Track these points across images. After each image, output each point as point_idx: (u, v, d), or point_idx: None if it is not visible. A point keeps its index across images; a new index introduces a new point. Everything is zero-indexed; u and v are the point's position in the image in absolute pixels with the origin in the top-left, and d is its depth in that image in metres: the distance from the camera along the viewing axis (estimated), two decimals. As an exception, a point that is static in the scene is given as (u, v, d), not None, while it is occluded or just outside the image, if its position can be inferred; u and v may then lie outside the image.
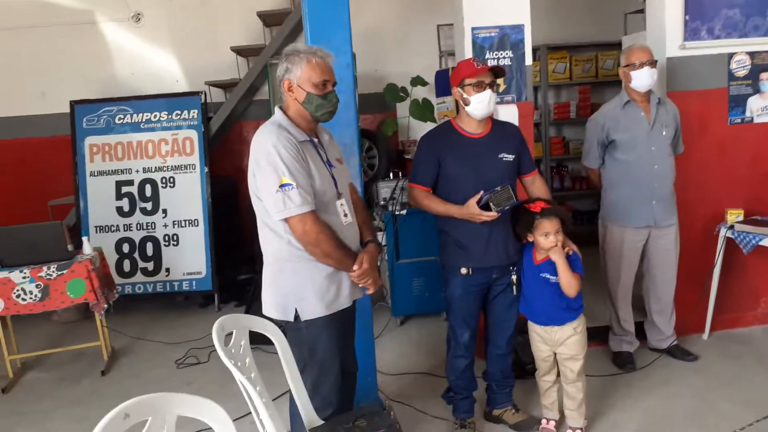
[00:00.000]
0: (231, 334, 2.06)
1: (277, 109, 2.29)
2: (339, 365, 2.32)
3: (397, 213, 4.34)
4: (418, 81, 5.49)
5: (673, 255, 3.50)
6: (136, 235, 5.13)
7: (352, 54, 2.84)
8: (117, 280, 5.00)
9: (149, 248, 5.12)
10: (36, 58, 5.72)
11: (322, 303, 2.23)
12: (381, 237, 4.40)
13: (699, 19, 3.68)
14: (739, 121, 3.84)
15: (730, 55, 3.76)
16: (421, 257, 4.37)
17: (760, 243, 3.38)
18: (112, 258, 5.05)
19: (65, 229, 4.77)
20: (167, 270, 5.11)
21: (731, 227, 3.58)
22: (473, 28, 3.49)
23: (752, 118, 3.84)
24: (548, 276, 2.71)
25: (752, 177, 3.87)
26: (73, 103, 5.23)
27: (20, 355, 4.11)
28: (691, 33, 3.69)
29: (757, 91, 3.82)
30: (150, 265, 5.12)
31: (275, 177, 2.10)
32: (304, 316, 2.23)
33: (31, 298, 3.75)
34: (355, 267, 2.22)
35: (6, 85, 5.70)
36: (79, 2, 5.72)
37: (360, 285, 2.30)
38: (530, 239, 2.72)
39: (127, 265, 5.12)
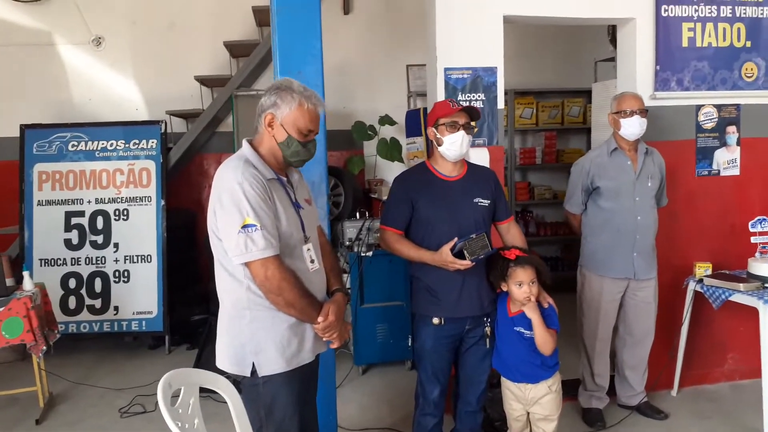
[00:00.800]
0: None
1: (245, 143, 2.13)
2: (298, 426, 2.11)
3: (363, 254, 4.19)
4: (386, 120, 5.41)
5: (653, 308, 3.43)
6: (85, 270, 4.82)
7: (323, 87, 2.72)
8: (61, 317, 4.71)
9: (98, 284, 4.82)
10: (-12, 79, 5.43)
11: (282, 357, 2.04)
12: (345, 279, 4.23)
13: (669, 70, 3.71)
14: (707, 173, 3.86)
15: (698, 107, 3.80)
16: (387, 302, 4.22)
17: (730, 298, 3.33)
18: (56, 294, 4.73)
19: (6, 262, 4.45)
20: (116, 308, 4.80)
21: (700, 281, 3.54)
22: (446, 69, 3.42)
23: (719, 171, 3.86)
24: (522, 330, 2.58)
25: (719, 230, 3.87)
26: (24, 127, 4.95)
27: (-57, 400, 3.75)
28: (661, 83, 3.71)
29: (723, 144, 3.85)
30: (98, 303, 4.81)
31: (238, 216, 1.93)
32: (262, 372, 2.03)
33: (-40, 337, 3.44)
34: (319, 319, 2.05)
35: (-49, 106, 5.38)
36: (37, 23, 5.47)
37: (324, 338, 2.12)
38: (504, 288, 2.60)
39: (72, 302, 4.80)
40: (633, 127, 3.21)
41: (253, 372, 2.03)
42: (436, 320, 2.62)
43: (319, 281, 2.18)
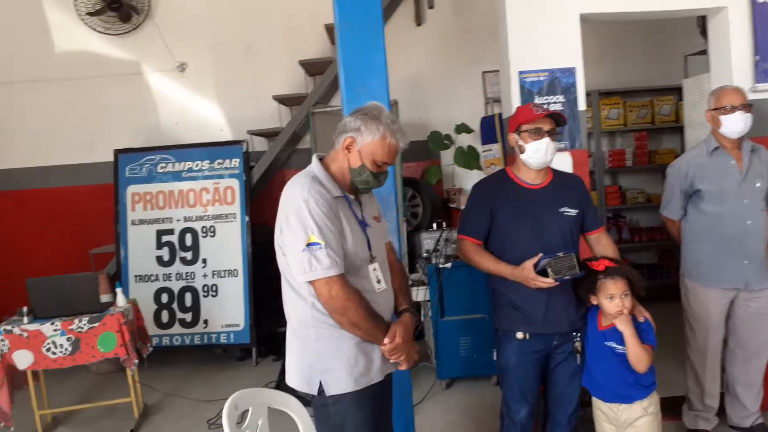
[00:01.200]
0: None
1: (314, 159, 2.10)
2: None
3: (441, 266, 4.09)
4: (462, 128, 5.30)
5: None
6: (176, 285, 5.03)
7: (388, 100, 2.67)
8: (155, 331, 4.92)
9: (188, 299, 5.01)
10: (86, 108, 5.81)
11: (350, 377, 1.98)
12: (424, 292, 4.16)
13: (770, 60, 3.38)
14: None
15: (806, 98, 3.43)
16: (469, 314, 4.09)
17: None
18: (150, 308, 4.96)
19: (104, 279, 4.71)
20: (205, 322, 4.98)
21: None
22: (520, 72, 3.30)
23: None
24: (614, 345, 2.40)
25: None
26: (117, 152, 5.26)
27: (51, 410, 3.99)
28: (762, 74, 3.40)
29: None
30: (188, 317, 5.00)
31: (303, 234, 1.90)
32: (330, 391, 1.98)
33: (61, 351, 3.65)
34: (386, 340, 1.98)
35: (57, 134, 5.79)
36: (126, 54, 5.82)
37: (391, 360, 2.05)
38: (594, 302, 2.43)
39: (165, 316, 5.02)
40: (736, 125, 2.92)
41: (321, 391, 1.99)
42: (520, 335, 2.49)
43: (386, 301, 2.11)
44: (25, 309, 3.70)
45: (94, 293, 3.82)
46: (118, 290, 3.96)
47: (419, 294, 4.16)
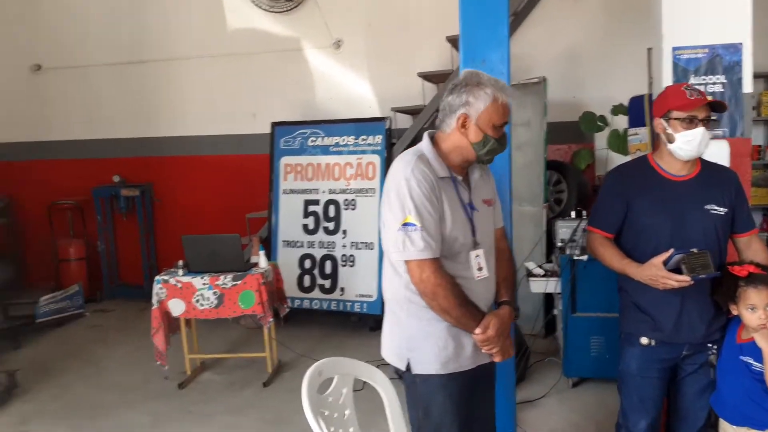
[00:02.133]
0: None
1: (425, 136, 2.05)
2: None
3: (575, 258, 3.85)
4: (619, 109, 4.89)
5: None
6: (318, 253, 5.32)
7: (509, 75, 2.53)
8: (297, 293, 5.27)
9: (328, 266, 5.28)
10: (251, 82, 6.29)
11: (437, 359, 1.96)
12: (555, 284, 3.95)
13: None
14: None
15: None
16: (603, 312, 3.80)
17: None
18: (294, 272, 5.31)
19: (257, 242, 5.12)
20: (342, 289, 5.21)
21: None
22: (674, 48, 2.93)
23: None
24: (750, 361, 2.12)
25: None
26: (274, 125, 5.64)
27: (200, 355, 4.45)
28: None
29: None
30: (327, 283, 5.27)
31: (400, 213, 1.89)
32: (416, 369, 1.98)
33: (207, 304, 4.04)
34: (477, 330, 1.92)
35: (224, 106, 6.36)
36: (288, 31, 6.17)
37: (483, 351, 1.98)
38: (735, 312, 2.15)
39: (307, 281, 5.33)
40: None
41: (409, 368, 1.99)
42: (644, 340, 2.27)
43: (485, 290, 2.03)
44: (180, 262, 4.15)
45: (238, 253, 4.16)
46: (261, 253, 4.28)
47: (549, 286, 3.97)
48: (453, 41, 5.47)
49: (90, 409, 3.85)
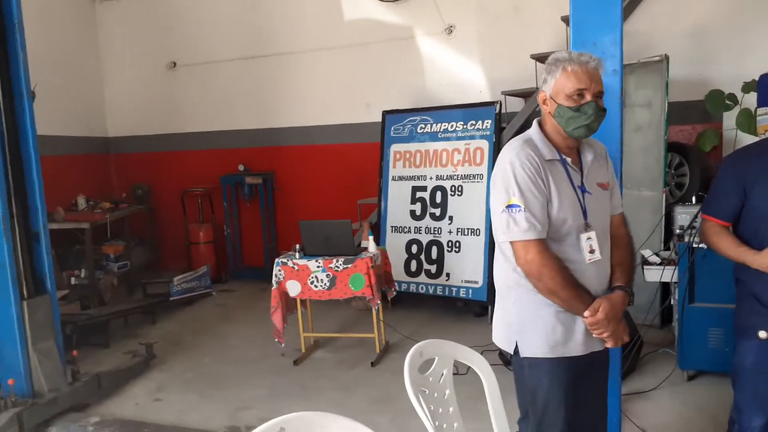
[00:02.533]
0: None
1: (535, 122, 2.09)
2: (565, 420, 1.99)
3: (695, 245, 3.63)
4: (751, 86, 4.51)
5: None
6: (424, 238, 5.40)
7: (621, 59, 2.44)
8: (404, 278, 5.39)
9: (434, 252, 5.35)
10: (364, 71, 6.46)
11: (545, 343, 1.97)
12: (672, 272, 3.76)
13: None
14: None
15: None
16: (723, 303, 3.55)
17: None
18: (402, 257, 5.43)
19: (368, 227, 5.30)
20: (447, 275, 5.26)
21: None
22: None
23: None
24: None
25: None
26: (385, 113, 5.76)
27: (314, 333, 4.71)
28: None
29: None
30: (433, 268, 5.35)
31: (504, 195, 1.94)
32: (524, 353, 2.01)
33: (321, 286, 4.26)
34: (586, 313, 1.91)
35: (340, 96, 6.58)
36: (401, 19, 6.26)
37: (594, 335, 1.96)
38: None
39: (413, 266, 5.44)
40: None
41: (517, 351, 2.03)
42: (763, 334, 2.15)
43: (597, 274, 2.01)
44: (297, 246, 4.40)
45: (350, 238, 4.34)
46: (370, 238, 4.43)
47: (665, 275, 3.78)
48: (567, 20, 5.29)
49: (216, 380, 4.21)
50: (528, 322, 1.99)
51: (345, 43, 6.49)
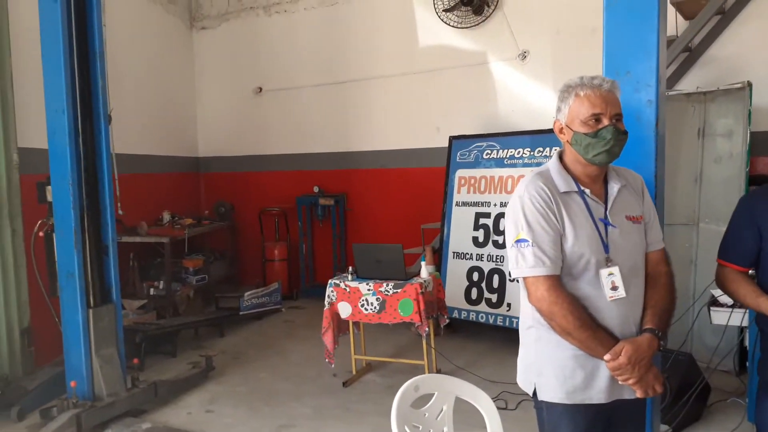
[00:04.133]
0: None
1: (554, 154, 2.05)
2: None
3: None
4: None
5: None
6: (486, 266, 5.30)
7: (656, 88, 2.30)
8: (464, 305, 5.31)
9: (495, 280, 5.22)
10: (436, 97, 6.48)
11: (561, 387, 1.89)
12: (742, 316, 3.43)
13: None
14: None
15: None
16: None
17: None
18: (462, 284, 5.35)
19: (431, 251, 5.28)
20: (509, 305, 5.12)
21: None
22: None
23: None
24: None
25: None
26: (452, 138, 5.75)
27: (365, 356, 4.72)
28: None
29: None
30: (494, 297, 5.22)
31: (514, 230, 1.90)
32: (542, 396, 1.93)
33: (371, 309, 4.28)
34: (606, 357, 1.80)
35: (412, 121, 6.63)
36: (475, 45, 6.23)
37: (620, 381, 1.84)
38: None
39: (474, 293, 5.34)
40: None
41: (535, 393, 1.96)
42: None
43: (621, 314, 1.88)
44: (350, 268, 4.45)
45: (400, 262, 4.33)
46: (422, 263, 4.41)
47: (734, 318, 3.46)
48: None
49: (268, 395, 4.32)
50: (546, 363, 1.92)
51: (419, 69, 6.55)
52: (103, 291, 3.86)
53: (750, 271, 2.10)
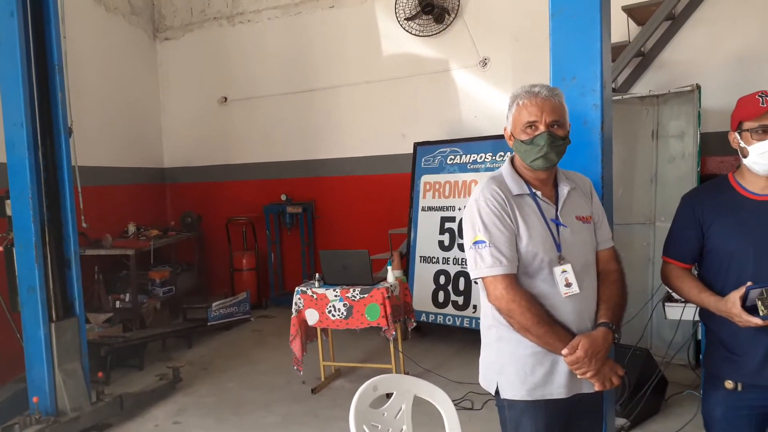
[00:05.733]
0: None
1: (507, 159, 2.12)
2: None
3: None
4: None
5: None
6: (452, 269, 5.38)
7: (601, 94, 2.40)
8: (431, 309, 5.37)
9: (461, 283, 5.31)
10: (400, 104, 6.56)
11: (522, 384, 1.94)
12: (695, 310, 3.55)
13: None
14: None
15: None
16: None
17: None
18: (429, 287, 5.43)
19: (398, 256, 5.34)
20: (474, 307, 5.20)
21: None
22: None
23: None
24: None
25: None
26: (416, 145, 5.82)
27: (333, 362, 4.75)
28: None
29: None
30: (460, 300, 5.30)
31: (471, 232, 1.96)
32: (504, 394, 1.98)
33: (338, 315, 4.31)
34: (564, 351, 1.85)
35: (377, 128, 6.71)
36: (436, 53, 6.34)
37: (578, 375, 1.90)
38: None
39: (441, 296, 5.41)
40: None
41: (497, 392, 2.00)
42: (729, 384, 2.02)
43: (575, 309, 1.94)
44: (317, 275, 4.49)
45: (367, 268, 4.38)
46: (389, 267, 4.46)
47: (687, 312, 3.59)
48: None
49: (236, 404, 4.32)
50: (507, 362, 1.96)
51: (383, 77, 6.62)
52: (66, 305, 3.81)
53: (693, 268, 2.19)
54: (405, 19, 6.35)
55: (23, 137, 3.66)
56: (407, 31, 6.39)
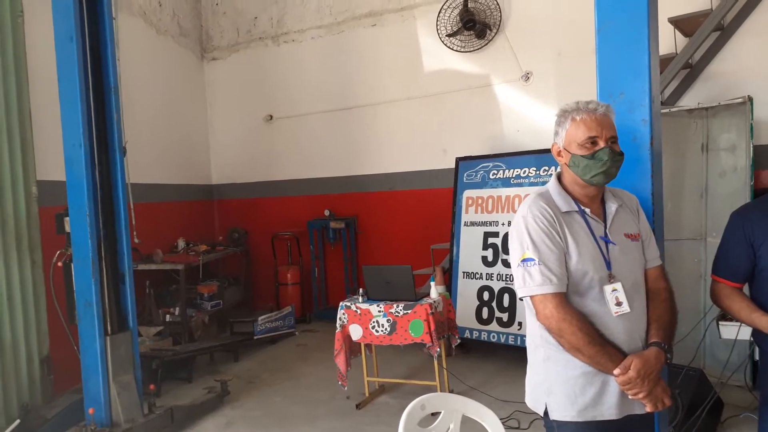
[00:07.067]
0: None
1: (553, 176, 2.12)
2: None
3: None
4: None
5: None
6: (496, 285, 5.33)
7: (650, 108, 2.37)
8: (475, 325, 5.33)
9: (506, 299, 5.26)
10: (442, 119, 6.59)
11: (572, 405, 1.92)
12: (751, 330, 3.45)
13: None
14: None
15: None
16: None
17: None
18: (473, 304, 5.39)
19: (441, 272, 5.33)
20: (519, 324, 5.14)
21: None
22: None
23: None
24: None
25: None
26: (458, 160, 5.82)
27: (377, 378, 4.75)
28: None
29: None
30: (505, 316, 5.25)
31: (519, 250, 1.96)
32: (553, 415, 1.96)
33: (382, 330, 4.33)
34: (616, 371, 1.83)
35: (419, 144, 6.74)
36: (478, 68, 6.35)
37: (630, 396, 1.87)
38: None
39: (485, 313, 5.37)
40: None
41: (546, 413, 1.98)
42: None
43: (626, 329, 1.92)
44: (361, 290, 4.52)
45: (410, 284, 4.38)
46: (432, 284, 4.46)
47: (743, 332, 3.47)
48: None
49: (282, 418, 4.37)
50: (556, 382, 1.95)
51: (424, 93, 6.68)
52: (120, 318, 3.95)
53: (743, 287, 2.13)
54: (447, 35, 6.39)
55: (81, 157, 3.83)
56: (449, 47, 6.43)
